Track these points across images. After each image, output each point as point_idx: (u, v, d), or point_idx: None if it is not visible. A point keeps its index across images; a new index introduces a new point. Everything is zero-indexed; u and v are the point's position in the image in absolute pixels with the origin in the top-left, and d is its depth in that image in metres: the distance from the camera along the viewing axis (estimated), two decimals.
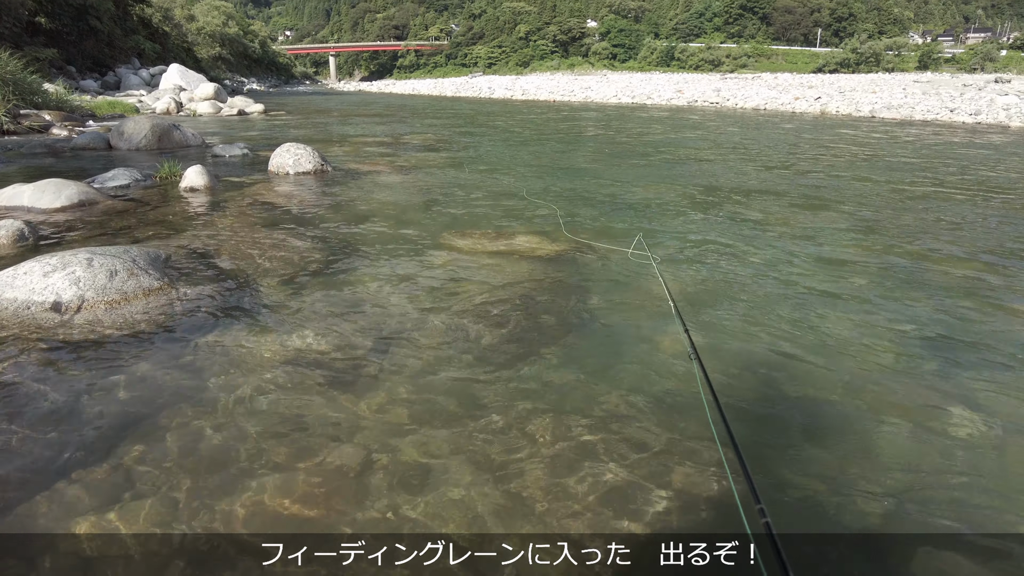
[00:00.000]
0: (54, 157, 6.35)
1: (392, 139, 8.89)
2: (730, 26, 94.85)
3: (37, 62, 16.27)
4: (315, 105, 21.78)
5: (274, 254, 2.90)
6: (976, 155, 7.07)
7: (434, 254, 3.01)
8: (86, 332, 2.04)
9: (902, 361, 2.02)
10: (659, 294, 2.57)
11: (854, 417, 1.69)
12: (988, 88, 23.49)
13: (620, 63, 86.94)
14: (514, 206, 4.20)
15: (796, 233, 3.55)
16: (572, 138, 9.50)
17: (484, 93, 34.10)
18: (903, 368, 1.97)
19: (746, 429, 1.60)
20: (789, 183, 5.21)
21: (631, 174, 5.79)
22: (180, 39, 44.62)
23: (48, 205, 3.80)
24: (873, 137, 9.19)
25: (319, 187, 4.64)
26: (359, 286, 2.54)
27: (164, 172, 4.77)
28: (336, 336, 2.07)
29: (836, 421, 1.67)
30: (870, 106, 16.39)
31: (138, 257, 2.56)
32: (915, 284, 2.73)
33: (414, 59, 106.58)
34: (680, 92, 24.48)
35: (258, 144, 7.43)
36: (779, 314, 2.37)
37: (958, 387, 1.85)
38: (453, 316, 2.27)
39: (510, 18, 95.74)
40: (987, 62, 59.77)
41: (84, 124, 10.11)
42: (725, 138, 9.26)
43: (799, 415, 1.70)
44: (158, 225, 3.39)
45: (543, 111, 18.00)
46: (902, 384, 1.86)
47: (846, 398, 1.78)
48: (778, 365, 1.96)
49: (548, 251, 3.10)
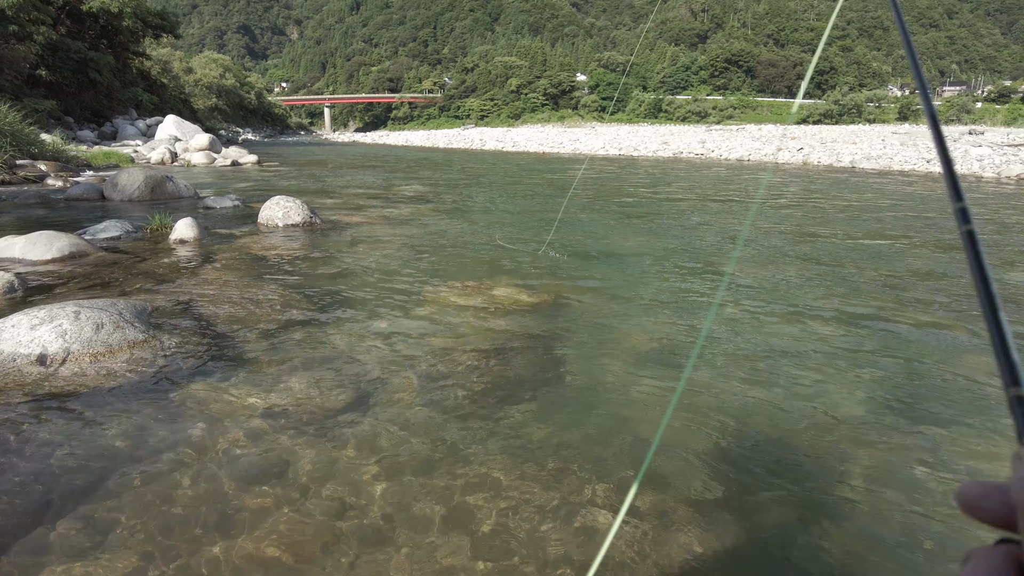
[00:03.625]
0: (47, 208, 6.46)
1: (382, 190, 9.09)
2: (716, 79, 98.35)
3: (36, 113, 16.62)
4: (309, 156, 22.18)
5: (258, 306, 2.98)
6: (948, 206, 7.33)
7: (415, 306, 3.10)
8: (70, 384, 2.10)
9: (868, 413, 2.10)
10: (634, 344, 2.66)
11: (818, 472, 1.76)
12: (963, 140, 24.33)
13: (609, 115, 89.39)
14: (496, 257, 4.32)
15: (771, 285, 3.67)
16: (559, 190, 9.75)
17: (476, 145, 34.89)
18: (869, 421, 2.05)
19: (707, 476, 1.67)
20: (766, 235, 5.39)
21: (614, 226, 5.96)
22: (178, 90, 45.63)
23: (39, 257, 3.88)
24: (852, 188, 9.50)
25: (307, 240, 4.75)
26: (339, 338, 2.61)
27: (155, 224, 4.88)
28: (314, 388, 2.13)
29: (801, 475, 1.74)
30: (850, 157, 16.91)
31: (124, 310, 2.63)
32: (884, 336, 2.84)
33: (408, 111, 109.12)
34: (666, 144, 25.16)
35: (249, 196, 7.58)
36: (751, 366, 2.46)
37: (922, 441, 1.93)
38: (430, 368, 2.34)
39: (502, 72, 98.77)
40: (964, 113, 62.17)
41: (79, 174, 10.28)
42: (707, 190, 9.54)
43: (761, 468, 1.76)
44: (146, 277, 3.47)
45: (532, 163, 18.44)
46: (867, 437, 1.94)
47: (813, 452, 1.85)
48: (746, 415, 2.04)
49: (527, 302, 3.20)
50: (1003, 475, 1.66)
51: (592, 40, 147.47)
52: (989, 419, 2.05)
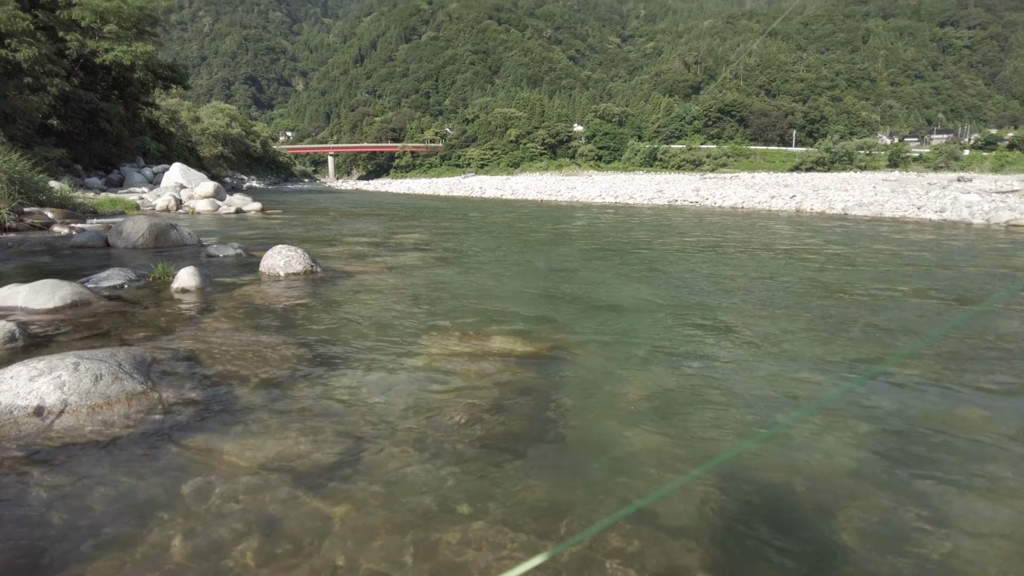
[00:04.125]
0: (52, 255, 6.53)
1: (384, 239, 9.21)
2: (709, 128, 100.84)
3: (46, 161, 16.97)
4: (312, 204, 22.50)
5: (257, 357, 2.99)
6: (943, 254, 7.43)
7: (414, 357, 3.11)
8: (65, 438, 2.10)
9: (863, 466, 2.09)
10: (632, 398, 2.67)
11: (813, 527, 1.75)
12: (952, 187, 24.81)
13: (605, 164, 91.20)
14: (494, 306, 4.36)
15: (760, 335, 3.70)
16: (557, 238, 9.88)
17: (476, 192, 35.47)
18: (863, 474, 2.04)
19: (707, 532, 1.66)
20: (759, 284, 5.44)
21: (610, 274, 6.02)
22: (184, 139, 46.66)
23: (42, 306, 3.92)
24: (844, 235, 9.64)
25: (307, 289, 4.80)
26: (338, 391, 2.62)
27: (157, 272, 4.94)
28: (311, 442, 2.14)
29: (796, 529, 1.73)
30: (842, 204, 17.18)
31: (124, 361, 2.65)
32: (879, 389, 2.85)
33: (410, 160, 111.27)
34: (661, 192, 25.60)
35: (252, 244, 7.68)
36: (741, 418, 2.46)
37: (917, 494, 1.92)
38: (427, 422, 2.35)
39: (502, 123, 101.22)
40: (952, 160, 63.63)
41: (85, 221, 10.42)
42: (702, 237, 9.67)
43: (759, 521, 1.75)
44: (147, 326, 3.49)
45: (531, 210, 18.72)
46: (861, 490, 1.93)
47: (807, 505, 1.84)
48: (739, 468, 2.04)
49: (524, 353, 3.22)
50: (1005, 531, 1.66)
51: (588, 92, 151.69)
52: (993, 476, 2.05)
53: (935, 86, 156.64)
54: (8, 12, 21.33)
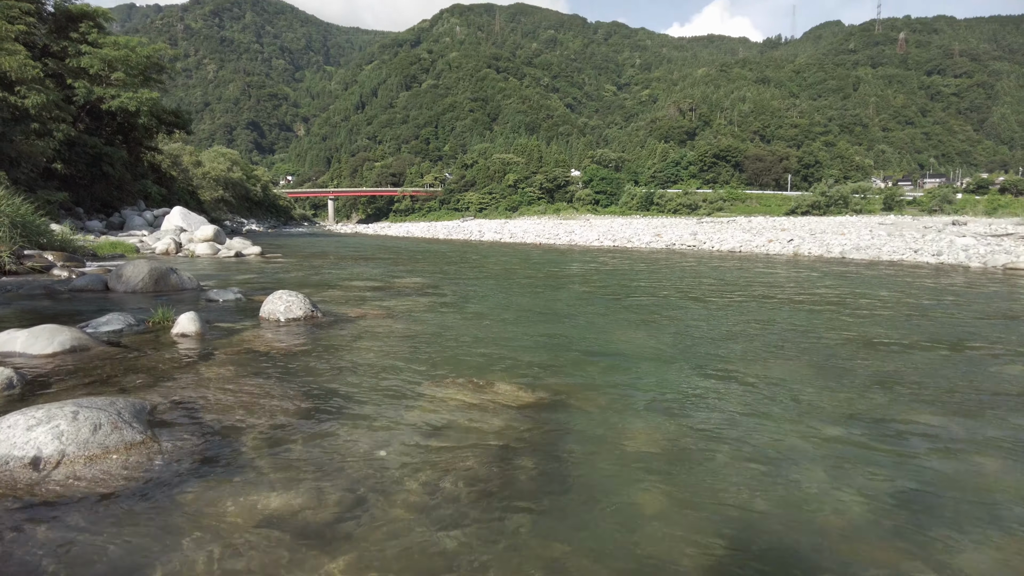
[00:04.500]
0: (51, 299, 6.52)
1: (383, 283, 9.23)
2: (705, 173, 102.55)
3: (48, 204, 17.14)
4: (312, 247, 22.64)
5: (257, 405, 2.96)
6: (944, 299, 7.45)
7: (416, 405, 3.08)
8: (62, 490, 2.05)
9: (871, 518, 2.05)
10: (638, 448, 2.63)
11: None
12: (947, 230, 25.10)
13: (603, 208, 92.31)
14: (496, 352, 4.33)
15: (764, 382, 3.67)
16: (556, 281, 9.91)
17: (475, 236, 35.75)
18: (872, 526, 2.00)
19: None
20: (762, 330, 5.43)
21: (612, 319, 6.02)
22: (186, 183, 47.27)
23: (40, 351, 3.88)
24: (844, 280, 9.68)
25: (308, 334, 4.78)
26: (339, 442, 2.58)
27: (157, 317, 4.92)
28: (312, 494, 2.09)
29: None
30: (840, 248, 17.32)
31: (123, 409, 2.61)
32: (884, 436, 2.81)
33: (409, 203, 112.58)
34: (659, 236, 25.83)
35: (252, 288, 7.69)
36: (749, 468, 2.42)
37: (925, 547, 1.88)
38: (430, 474, 2.30)
39: (500, 168, 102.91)
40: (946, 204, 64.62)
41: (84, 264, 10.44)
42: (702, 281, 9.71)
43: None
44: (146, 373, 3.46)
45: (530, 254, 18.84)
46: (871, 543, 1.89)
47: (816, 558, 1.80)
48: (748, 524, 1.99)
49: (528, 402, 3.18)
50: None
51: (585, 138, 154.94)
52: (1003, 526, 2.01)
53: (925, 131, 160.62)
54: (20, 61, 21.87)
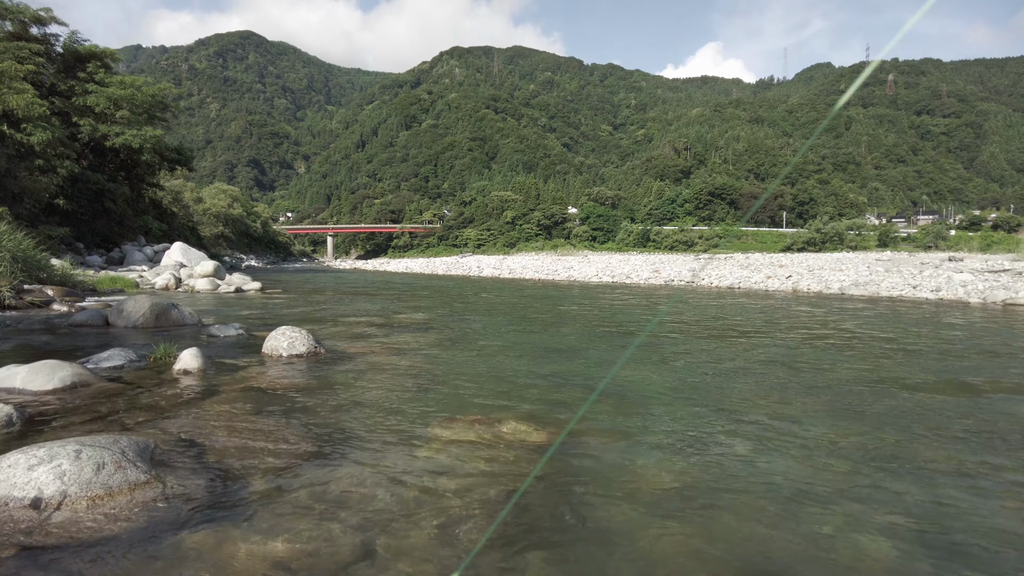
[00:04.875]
0: (51, 334, 6.47)
1: (384, 319, 9.20)
2: (701, 210, 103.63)
3: (49, 240, 17.19)
4: (311, 283, 22.65)
5: (262, 444, 2.90)
6: (947, 334, 7.43)
7: (422, 444, 3.03)
8: (64, 532, 1.99)
9: (894, 557, 1.99)
10: (650, 486, 2.57)
11: None
12: (944, 266, 25.21)
13: (600, 244, 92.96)
14: (501, 389, 4.29)
15: (775, 421, 3.63)
16: (559, 317, 9.88)
17: (473, 272, 35.84)
18: (896, 565, 1.94)
19: None
20: (767, 366, 5.40)
21: (616, 356, 5.98)
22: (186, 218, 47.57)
23: (40, 387, 3.84)
24: (844, 316, 9.67)
25: (311, 370, 4.73)
26: (345, 481, 2.53)
27: (159, 353, 4.88)
28: (319, 538, 2.03)
29: None
30: (839, 284, 17.34)
31: (127, 448, 2.56)
32: (899, 474, 2.76)
33: (408, 240, 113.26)
34: (657, 272, 25.91)
35: (253, 324, 7.65)
36: (765, 509, 2.36)
37: None
38: (440, 516, 2.24)
39: (498, 205, 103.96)
40: (940, 240, 65.16)
41: (84, 299, 10.41)
42: (703, 317, 9.69)
43: None
44: (150, 410, 3.41)
45: (529, 289, 18.85)
46: None
47: None
48: (767, 567, 1.93)
49: (537, 440, 3.13)
50: None
51: (582, 176, 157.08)
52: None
53: (917, 169, 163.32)
54: (27, 100, 22.25)
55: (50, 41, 30.24)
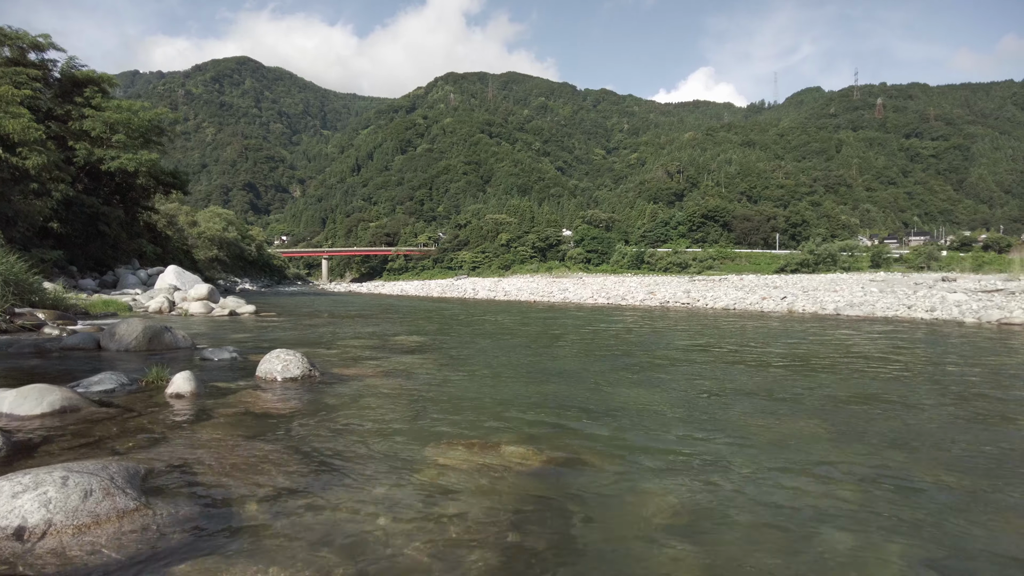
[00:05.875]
0: (42, 358, 6.38)
1: (379, 341, 9.13)
2: (694, 233, 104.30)
3: (42, 263, 17.08)
4: (306, 306, 22.56)
5: (256, 470, 2.83)
6: (944, 354, 7.42)
7: (421, 468, 2.96)
8: (47, 563, 1.91)
9: None
10: (653, 509, 2.52)
11: None
12: (938, 286, 25.32)
13: (594, 266, 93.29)
14: (500, 411, 4.22)
15: (779, 443, 3.58)
16: (555, 340, 9.83)
17: (468, 294, 35.80)
18: None
19: None
20: (767, 387, 5.36)
21: (614, 378, 5.92)
22: (181, 242, 47.49)
23: (29, 412, 3.75)
24: (841, 336, 9.66)
25: (306, 394, 4.66)
26: (342, 507, 2.46)
27: (151, 377, 4.80)
28: (313, 567, 1.96)
29: None
30: (834, 304, 17.38)
31: (116, 474, 2.48)
32: (905, 496, 2.71)
33: (403, 262, 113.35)
34: (653, 293, 25.94)
35: (247, 348, 7.57)
36: (771, 533, 2.31)
37: None
38: (439, 540, 2.18)
39: (493, 228, 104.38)
40: (931, 261, 65.73)
41: (76, 323, 10.30)
42: (700, 339, 9.66)
43: None
44: (141, 434, 3.33)
45: (524, 312, 18.80)
46: None
47: None
48: None
49: (536, 463, 3.07)
50: None
51: (576, 199, 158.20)
52: None
53: (908, 191, 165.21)
54: (23, 124, 22.30)
55: (48, 66, 30.45)
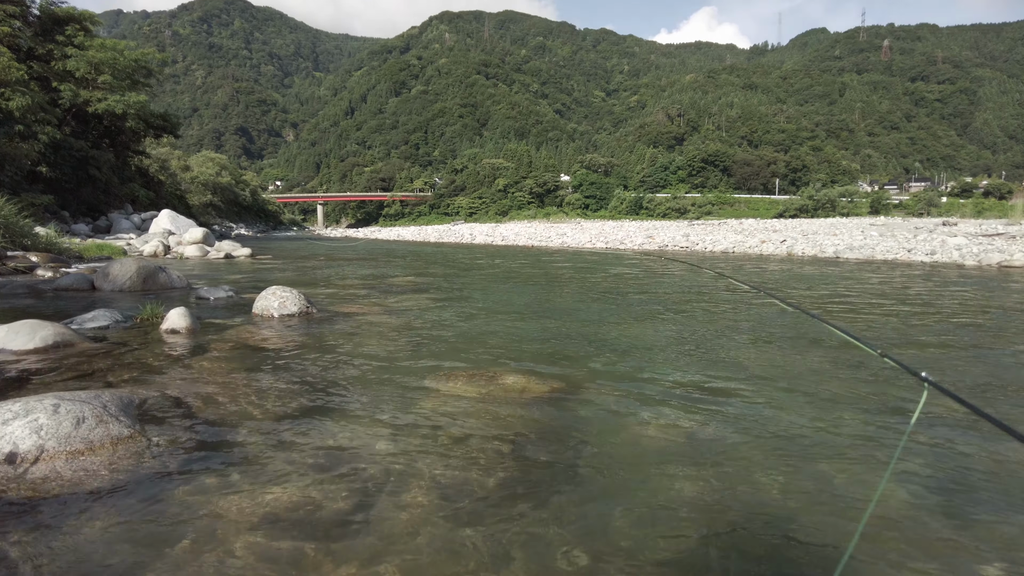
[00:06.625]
0: (35, 298, 6.30)
1: (376, 282, 9.05)
2: (693, 178, 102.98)
3: (33, 207, 16.79)
4: (302, 250, 22.40)
5: (253, 400, 2.79)
6: (947, 292, 7.38)
7: (420, 398, 2.92)
8: (41, 487, 1.87)
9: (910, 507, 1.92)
10: (652, 435, 2.49)
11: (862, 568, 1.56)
12: (938, 231, 25.22)
13: (592, 212, 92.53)
14: (501, 344, 4.18)
15: (780, 374, 3.55)
16: (554, 281, 9.77)
17: (466, 239, 35.60)
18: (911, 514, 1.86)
19: None
20: (766, 323, 5.32)
21: (613, 315, 5.88)
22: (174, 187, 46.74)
23: (21, 347, 3.69)
24: (840, 277, 9.62)
25: (303, 330, 4.60)
26: (341, 434, 2.42)
27: (146, 313, 4.73)
28: (315, 490, 1.93)
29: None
30: (834, 247, 17.30)
31: (109, 403, 2.43)
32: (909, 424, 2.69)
33: (399, 208, 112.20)
34: (651, 238, 25.79)
35: (243, 287, 7.49)
36: (772, 459, 2.28)
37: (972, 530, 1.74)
38: (441, 465, 2.15)
39: (490, 173, 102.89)
40: (931, 207, 65.33)
41: (70, 266, 10.18)
42: (699, 281, 9.60)
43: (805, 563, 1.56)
44: (135, 368, 3.28)
45: (522, 256, 18.70)
46: (913, 531, 1.75)
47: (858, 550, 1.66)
48: (773, 515, 1.85)
49: (538, 391, 3.04)
50: None
51: (574, 144, 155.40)
52: None
53: (910, 136, 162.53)
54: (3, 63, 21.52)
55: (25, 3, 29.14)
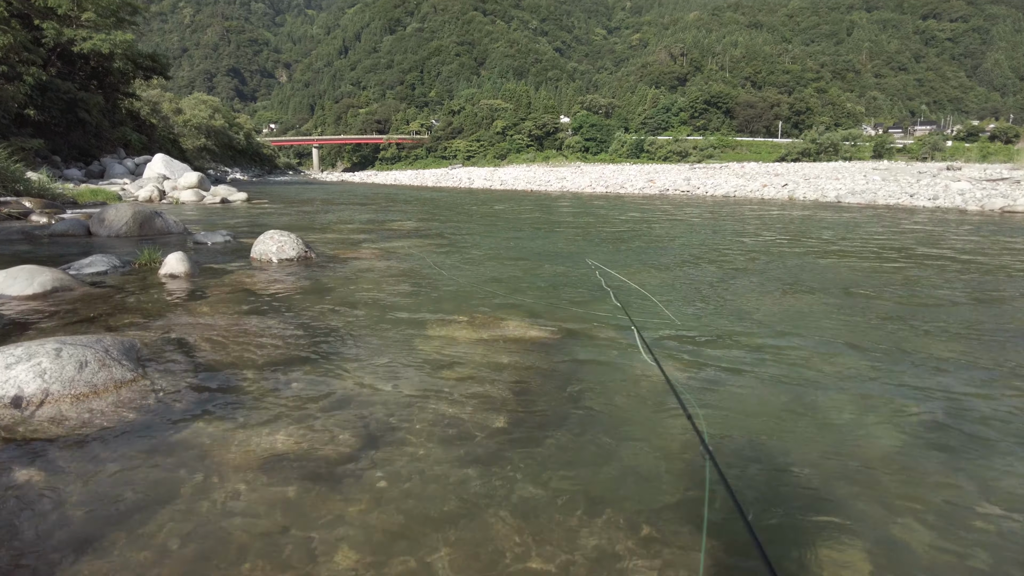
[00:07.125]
0: (31, 244, 6.25)
1: (375, 226, 8.98)
2: (695, 120, 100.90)
3: (23, 152, 16.46)
4: (298, 194, 22.15)
5: (254, 343, 2.79)
6: (949, 237, 7.35)
7: (422, 341, 2.93)
8: (47, 430, 1.89)
9: (907, 443, 1.95)
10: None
11: (866, 511, 1.59)
12: (941, 175, 24.90)
13: (592, 155, 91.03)
14: (499, 291, 4.17)
15: (783, 315, 3.55)
16: (554, 225, 9.69)
17: (464, 183, 35.14)
18: (908, 451, 1.90)
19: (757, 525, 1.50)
20: (769, 266, 5.30)
21: (615, 259, 5.85)
22: (167, 131, 45.76)
23: (19, 292, 3.67)
24: (841, 221, 9.55)
25: (302, 274, 4.59)
26: (343, 377, 2.43)
27: (144, 258, 4.70)
28: (320, 431, 1.95)
29: (850, 514, 1.57)
30: (835, 192, 17.13)
31: (111, 347, 2.44)
32: (909, 364, 2.71)
33: (395, 151, 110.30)
34: (652, 182, 25.47)
35: (241, 232, 7.42)
36: (774, 397, 2.31)
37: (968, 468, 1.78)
38: (442, 407, 2.17)
39: (488, 114, 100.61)
40: (935, 152, 64.38)
41: (64, 211, 10.06)
42: (701, 222, 9.53)
43: (810, 509, 1.60)
44: (135, 312, 3.27)
45: (522, 200, 18.50)
46: (910, 468, 1.79)
47: (856, 488, 1.69)
48: (785, 455, 1.88)
49: (537, 337, 3.04)
50: None
51: (575, 84, 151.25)
52: None
53: (918, 78, 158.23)
54: None
55: None
